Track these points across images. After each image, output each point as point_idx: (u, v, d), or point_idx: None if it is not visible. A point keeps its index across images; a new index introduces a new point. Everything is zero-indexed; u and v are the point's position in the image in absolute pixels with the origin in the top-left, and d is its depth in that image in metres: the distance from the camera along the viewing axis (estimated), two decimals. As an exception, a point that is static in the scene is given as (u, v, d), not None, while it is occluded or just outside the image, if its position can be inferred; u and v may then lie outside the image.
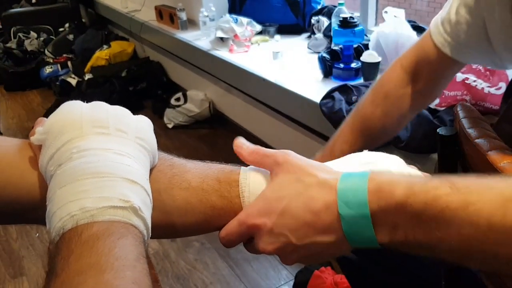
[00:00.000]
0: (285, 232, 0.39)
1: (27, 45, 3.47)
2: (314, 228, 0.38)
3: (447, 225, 0.33)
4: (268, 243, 0.40)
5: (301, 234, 0.39)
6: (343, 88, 1.40)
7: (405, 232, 0.36)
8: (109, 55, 2.99)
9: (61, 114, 0.38)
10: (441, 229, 0.34)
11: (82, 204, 0.32)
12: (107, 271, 0.29)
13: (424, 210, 0.34)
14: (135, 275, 0.30)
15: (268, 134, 2.08)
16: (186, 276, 1.55)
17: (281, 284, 1.49)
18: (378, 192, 0.36)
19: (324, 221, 0.38)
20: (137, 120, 0.41)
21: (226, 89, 2.29)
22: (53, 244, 0.32)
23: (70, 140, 0.36)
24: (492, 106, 1.14)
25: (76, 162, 0.35)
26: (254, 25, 2.07)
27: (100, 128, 0.37)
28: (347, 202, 0.37)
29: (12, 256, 1.73)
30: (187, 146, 2.38)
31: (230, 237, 0.42)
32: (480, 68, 1.17)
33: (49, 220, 0.33)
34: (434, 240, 0.35)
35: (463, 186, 0.34)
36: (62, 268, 0.29)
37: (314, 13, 2.01)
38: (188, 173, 0.43)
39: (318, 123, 1.48)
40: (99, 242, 0.30)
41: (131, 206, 0.33)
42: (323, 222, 0.38)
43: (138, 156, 0.38)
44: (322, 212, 0.38)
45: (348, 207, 0.37)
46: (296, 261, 0.41)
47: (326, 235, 0.38)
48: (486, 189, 0.34)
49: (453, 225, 0.33)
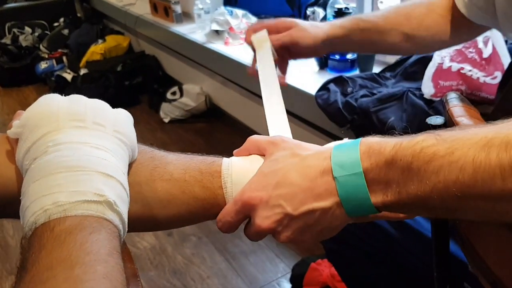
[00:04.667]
0: (281, 202, 0.40)
1: (22, 40, 3.44)
2: (310, 194, 0.39)
3: (436, 173, 0.34)
4: (265, 217, 0.40)
5: (297, 202, 0.39)
6: (338, 79, 1.39)
7: (398, 188, 0.36)
8: (104, 50, 2.97)
9: (38, 107, 0.37)
10: (430, 178, 0.34)
11: (55, 198, 0.32)
12: (77, 266, 0.28)
13: (413, 162, 0.35)
14: (106, 270, 0.29)
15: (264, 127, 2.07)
16: (183, 270, 1.55)
17: (278, 277, 1.49)
18: (369, 151, 0.37)
19: (320, 186, 0.39)
20: (115, 113, 0.40)
21: (222, 82, 2.27)
22: (25, 239, 0.31)
23: (46, 134, 0.35)
24: (487, 95, 1.14)
25: (51, 155, 0.34)
26: (250, 17, 2.05)
27: (77, 121, 0.36)
28: (341, 164, 0.38)
29: (9, 252, 1.73)
30: (184, 140, 2.37)
31: (227, 218, 0.42)
32: (476, 58, 1.16)
33: (23, 214, 0.33)
34: (425, 191, 0.35)
35: (448, 136, 0.35)
36: (32, 263, 0.29)
37: (309, 4, 1.99)
38: (170, 164, 0.42)
39: (313, 115, 1.47)
40: (71, 237, 0.30)
41: (106, 201, 0.33)
42: (319, 187, 0.39)
43: (116, 149, 0.37)
44: (318, 178, 0.39)
45: (342, 169, 0.38)
46: (291, 236, 0.41)
47: (322, 201, 0.39)
48: (470, 135, 0.34)
49: (441, 172, 0.34)
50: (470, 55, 1.16)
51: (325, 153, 0.40)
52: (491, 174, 0.32)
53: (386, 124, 1.16)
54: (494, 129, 0.33)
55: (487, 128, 0.34)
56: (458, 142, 0.34)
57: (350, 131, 1.32)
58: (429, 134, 0.36)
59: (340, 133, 1.38)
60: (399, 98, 1.23)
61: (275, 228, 0.41)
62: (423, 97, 1.21)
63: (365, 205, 0.38)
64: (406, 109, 1.18)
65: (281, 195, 0.40)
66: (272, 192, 0.40)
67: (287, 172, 0.40)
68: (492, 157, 0.32)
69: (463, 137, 0.34)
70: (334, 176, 0.38)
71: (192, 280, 1.51)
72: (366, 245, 0.75)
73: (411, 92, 1.23)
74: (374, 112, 1.22)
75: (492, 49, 1.14)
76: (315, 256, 1.38)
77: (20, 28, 3.51)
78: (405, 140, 0.37)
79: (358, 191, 0.37)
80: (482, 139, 0.33)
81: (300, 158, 0.41)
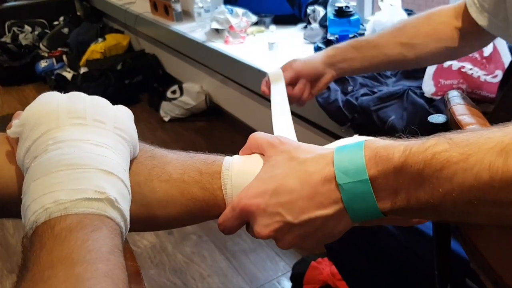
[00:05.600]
0: (280, 210, 0.38)
1: (22, 39, 3.44)
2: (311, 202, 0.37)
3: (449, 180, 0.32)
4: (263, 226, 0.39)
5: (297, 210, 0.38)
6: (338, 78, 1.39)
7: (407, 195, 0.35)
8: (104, 48, 2.96)
9: (37, 106, 0.37)
10: (443, 186, 0.33)
11: (55, 196, 0.31)
12: (78, 264, 0.28)
13: (424, 169, 0.33)
14: (108, 268, 0.29)
15: (264, 125, 2.07)
16: (183, 269, 1.55)
17: (279, 276, 1.49)
18: (376, 157, 0.35)
19: (322, 194, 0.37)
20: (115, 110, 0.40)
21: (222, 81, 2.27)
22: (27, 238, 0.31)
23: (46, 132, 0.35)
24: (488, 94, 1.13)
25: (51, 153, 0.34)
26: (250, 16, 2.05)
27: (77, 118, 0.36)
28: (345, 171, 0.36)
29: (9, 251, 1.73)
30: (184, 139, 2.37)
31: (226, 223, 0.41)
32: (477, 56, 1.16)
33: (24, 213, 0.33)
34: (437, 198, 0.33)
35: (461, 140, 0.33)
36: (33, 262, 0.28)
37: (310, 2, 1.99)
38: (169, 164, 0.42)
39: (314, 114, 1.47)
40: (72, 235, 0.29)
41: (107, 198, 0.33)
42: (322, 195, 0.37)
43: (117, 146, 0.37)
44: (320, 185, 0.37)
45: (347, 176, 0.36)
46: (292, 243, 0.40)
47: (325, 209, 0.37)
48: (484, 140, 0.32)
49: (455, 179, 0.32)
50: (470, 54, 1.16)
51: (326, 158, 0.38)
52: (509, 181, 0.31)
53: (387, 123, 1.16)
54: (509, 133, 0.32)
55: (501, 132, 0.33)
56: (472, 147, 0.32)
57: (350, 129, 1.32)
58: (441, 137, 0.34)
59: (341, 132, 1.38)
60: (400, 96, 1.23)
61: (275, 236, 0.40)
62: (424, 95, 1.21)
63: (371, 211, 0.36)
64: (407, 108, 1.18)
65: (279, 203, 0.38)
66: (270, 199, 0.38)
67: (285, 178, 0.38)
68: (509, 164, 0.31)
69: (477, 141, 0.33)
70: (338, 183, 0.36)
71: (192, 279, 1.51)
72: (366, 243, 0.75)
73: (412, 91, 1.23)
74: (375, 110, 1.22)
75: (492, 47, 1.14)
76: (316, 254, 1.38)
77: (20, 27, 3.51)
78: (415, 145, 0.35)
79: (365, 198, 0.36)
80: (498, 144, 0.32)
81: (298, 161, 0.39)
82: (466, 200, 0.33)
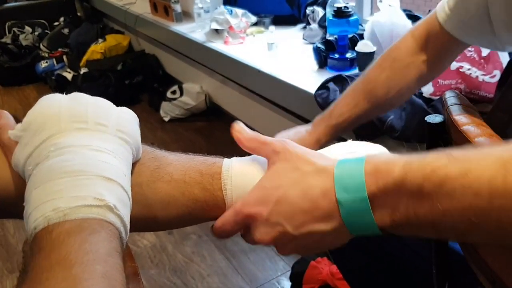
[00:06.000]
0: (281, 221, 0.39)
1: (22, 40, 3.44)
2: (311, 216, 0.38)
3: (449, 196, 0.32)
4: (264, 233, 0.40)
5: (297, 223, 0.38)
6: (338, 78, 1.39)
7: (406, 212, 0.34)
8: (105, 49, 2.97)
9: (39, 109, 0.37)
10: (442, 202, 0.32)
11: (55, 204, 0.32)
12: (76, 265, 0.28)
13: (424, 184, 0.33)
14: (105, 269, 0.29)
15: (263, 125, 2.08)
16: (183, 269, 1.56)
17: (278, 275, 1.49)
18: (376, 173, 0.35)
19: (322, 208, 0.37)
20: (119, 111, 0.40)
21: (222, 81, 2.28)
22: (27, 245, 0.31)
23: (48, 138, 0.35)
24: (486, 94, 1.14)
25: (52, 160, 0.34)
26: (249, 16, 2.06)
27: (79, 123, 0.36)
28: (344, 187, 0.36)
29: (10, 251, 1.73)
30: (184, 139, 2.38)
31: (226, 227, 0.41)
32: (475, 56, 1.16)
33: (26, 221, 0.33)
34: (436, 215, 0.33)
35: (461, 156, 0.33)
36: (32, 266, 0.29)
37: (309, 3, 1.99)
38: (170, 165, 0.42)
39: (313, 114, 1.47)
40: (70, 238, 0.30)
41: (106, 205, 0.33)
42: (321, 209, 0.37)
43: (118, 150, 0.37)
44: (320, 199, 0.37)
45: (346, 192, 0.36)
46: (293, 251, 0.41)
47: (324, 223, 0.38)
48: (484, 156, 0.32)
49: (454, 195, 0.32)
50: (469, 54, 1.17)
51: (327, 170, 0.38)
52: (508, 200, 0.30)
53: (386, 123, 1.16)
54: (509, 149, 0.32)
55: (501, 147, 0.32)
56: (471, 162, 0.32)
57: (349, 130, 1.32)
58: (441, 153, 0.34)
59: (340, 132, 1.38)
60: (399, 96, 1.23)
61: (275, 243, 0.40)
62: (422, 95, 1.21)
63: (370, 227, 0.36)
64: (405, 108, 1.18)
65: (281, 213, 0.38)
66: (273, 209, 0.39)
67: (288, 190, 0.38)
68: (509, 181, 0.30)
69: (476, 157, 0.32)
70: (337, 199, 0.36)
71: (192, 278, 1.51)
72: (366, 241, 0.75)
73: (411, 91, 1.23)
74: (374, 110, 1.22)
75: (491, 47, 1.14)
76: (316, 253, 1.38)
77: (20, 27, 3.51)
78: (415, 160, 0.35)
79: (363, 216, 0.36)
80: (498, 160, 0.31)
81: (300, 173, 0.39)
82: (465, 218, 0.32)
